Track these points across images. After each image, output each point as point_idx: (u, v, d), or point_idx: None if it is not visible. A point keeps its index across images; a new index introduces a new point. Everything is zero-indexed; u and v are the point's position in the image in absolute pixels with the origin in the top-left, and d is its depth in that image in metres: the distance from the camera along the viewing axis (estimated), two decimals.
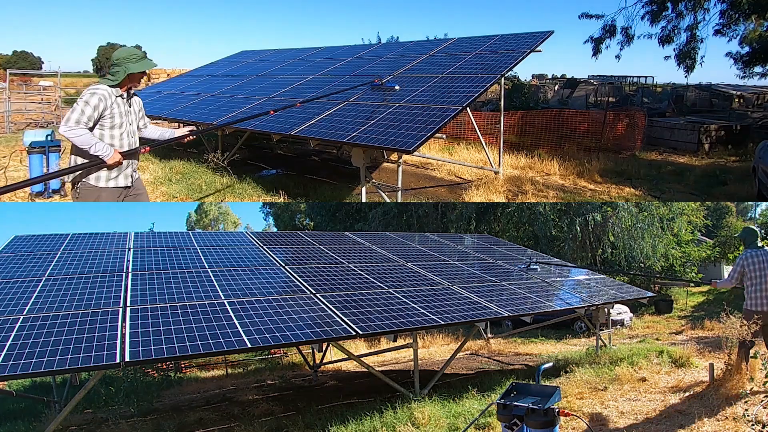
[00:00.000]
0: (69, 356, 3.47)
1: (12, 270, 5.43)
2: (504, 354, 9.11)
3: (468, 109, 8.33)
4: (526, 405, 2.53)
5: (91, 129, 3.92)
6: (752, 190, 8.93)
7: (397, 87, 7.94)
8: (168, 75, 26.78)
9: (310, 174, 9.93)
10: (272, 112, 6.80)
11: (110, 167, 4.02)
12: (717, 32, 14.72)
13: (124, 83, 4.08)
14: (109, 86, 4.02)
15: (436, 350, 10.29)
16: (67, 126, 3.81)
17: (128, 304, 4.56)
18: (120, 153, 4.01)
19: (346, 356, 5.95)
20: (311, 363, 8.28)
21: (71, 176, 4.06)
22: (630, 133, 14.51)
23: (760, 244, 5.38)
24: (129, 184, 4.28)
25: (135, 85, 4.18)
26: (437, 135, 7.11)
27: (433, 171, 10.64)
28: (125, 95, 4.14)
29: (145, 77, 4.31)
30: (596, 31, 16.46)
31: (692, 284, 18.17)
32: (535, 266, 8.36)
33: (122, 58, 4.01)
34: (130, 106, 4.20)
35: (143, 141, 4.46)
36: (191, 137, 4.64)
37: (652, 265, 16.34)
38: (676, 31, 14.76)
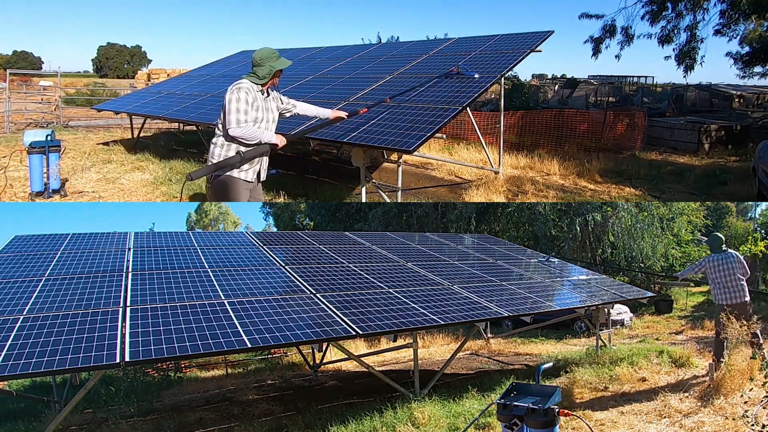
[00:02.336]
0: (69, 356, 3.47)
1: (12, 270, 5.43)
2: (504, 354, 9.11)
3: (468, 109, 8.33)
4: (526, 405, 2.53)
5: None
6: (752, 190, 8.94)
7: (476, 75, 7.57)
8: (168, 75, 26.79)
9: (310, 174, 9.93)
10: (388, 100, 6.88)
11: (280, 149, 4.40)
12: (717, 32, 14.73)
13: (269, 81, 4.38)
14: (253, 83, 4.31)
15: (436, 350, 10.29)
16: (235, 128, 4.15)
17: (128, 304, 4.55)
18: (285, 137, 4.42)
19: (346, 356, 5.95)
20: (311, 363, 8.28)
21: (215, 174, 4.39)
22: (630, 133, 14.51)
23: (723, 248, 6.19)
24: (254, 181, 4.52)
25: (275, 83, 4.48)
26: (437, 135, 7.11)
27: (433, 171, 10.64)
28: (266, 92, 4.44)
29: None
30: (596, 31, 16.49)
31: (692, 284, 18.17)
32: (554, 259, 8.45)
33: (266, 57, 4.31)
34: (270, 103, 4.51)
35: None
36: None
37: (652, 265, 16.34)
38: (675, 31, 14.78)
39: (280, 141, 4.38)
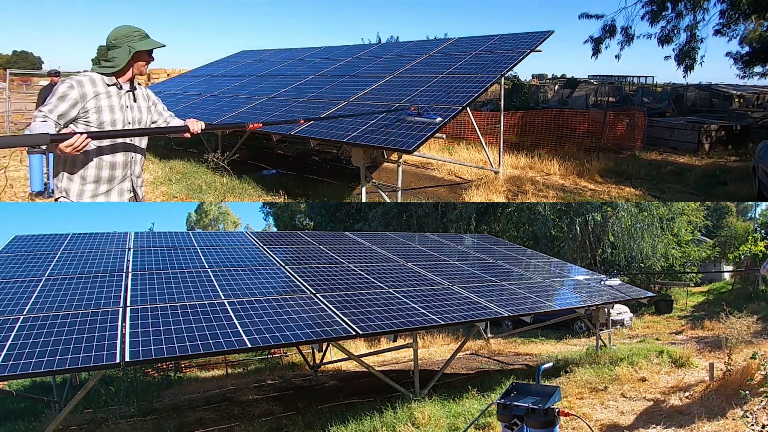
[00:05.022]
0: (69, 356, 3.47)
1: (12, 270, 5.43)
2: (504, 354, 9.11)
3: (468, 109, 8.33)
4: (526, 405, 2.52)
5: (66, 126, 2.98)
6: (752, 190, 8.93)
7: (438, 119, 6.27)
8: (168, 75, 26.77)
9: (310, 174, 9.93)
10: (302, 122, 6.66)
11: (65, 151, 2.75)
12: (717, 32, 14.71)
13: (126, 70, 3.10)
14: (103, 74, 3.08)
15: (436, 350, 10.29)
16: (35, 116, 2.94)
17: (128, 304, 4.55)
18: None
19: (346, 356, 5.96)
20: (311, 363, 8.29)
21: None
22: (630, 133, 14.50)
23: None
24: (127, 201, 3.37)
25: (140, 73, 3.18)
26: (437, 135, 7.11)
27: (433, 171, 10.63)
28: (126, 86, 3.15)
29: (145, 72, 3.25)
30: (596, 31, 16.43)
31: (691, 284, 18.20)
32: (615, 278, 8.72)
33: (122, 36, 3.03)
34: (134, 101, 3.19)
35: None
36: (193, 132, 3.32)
37: (652, 265, 16.34)
38: (675, 31, 14.75)
39: (69, 144, 2.72)
